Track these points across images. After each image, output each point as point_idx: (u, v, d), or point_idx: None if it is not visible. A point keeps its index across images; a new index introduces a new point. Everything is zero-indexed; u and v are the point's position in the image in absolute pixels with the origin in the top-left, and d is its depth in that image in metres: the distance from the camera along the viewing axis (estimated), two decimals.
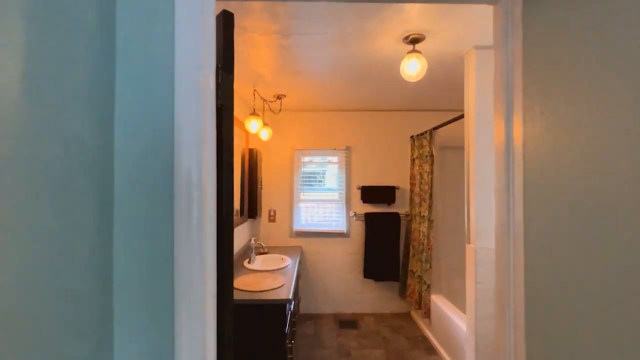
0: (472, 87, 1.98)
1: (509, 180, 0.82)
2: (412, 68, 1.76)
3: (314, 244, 3.62)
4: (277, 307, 2.03)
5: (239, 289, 2.15)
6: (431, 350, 2.82)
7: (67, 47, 0.54)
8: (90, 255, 0.59)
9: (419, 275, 3.15)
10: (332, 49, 1.94)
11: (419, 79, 1.82)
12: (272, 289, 2.17)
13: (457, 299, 2.85)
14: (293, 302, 2.24)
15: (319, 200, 3.72)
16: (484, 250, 1.97)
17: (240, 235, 3.03)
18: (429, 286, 2.98)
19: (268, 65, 2.21)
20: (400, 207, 3.60)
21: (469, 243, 2.05)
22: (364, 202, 3.58)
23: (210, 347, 0.72)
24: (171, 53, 0.69)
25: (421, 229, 3.13)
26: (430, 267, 2.98)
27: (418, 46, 1.82)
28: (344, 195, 3.65)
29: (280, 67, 2.22)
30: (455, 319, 2.49)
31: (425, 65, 1.76)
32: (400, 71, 1.82)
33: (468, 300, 2.08)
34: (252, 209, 3.23)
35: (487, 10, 0.94)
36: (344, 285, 3.61)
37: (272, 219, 3.65)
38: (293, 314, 2.52)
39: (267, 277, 2.42)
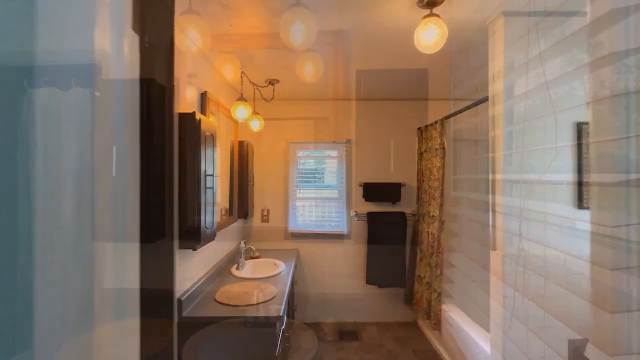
0: (499, 64, 1.66)
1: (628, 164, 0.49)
2: (430, 36, 1.44)
3: (312, 246, 3.30)
4: (266, 325, 1.72)
5: (222, 303, 1.83)
6: None
7: None
8: None
9: (427, 282, 2.83)
10: (331, 16, 1.61)
11: (436, 49, 1.49)
12: (261, 303, 1.85)
13: (474, 311, 2.53)
14: (286, 318, 1.92)
15: (317, 199, 3.39)
16: (513, 259, 1.64)
17: (229, 238, 2.71)
18: (439, 294, 2.67)
19: (255, 39, 1.88)
20: (406, 205, 3.27)
21: (493, 249, 1.73)
22: (366, 200, 3.25)
23: None
24: None
25: (430, 230, 2.81)
26: (441, 273, 2.66)
27: (435, 11, 1.49)
28: (344, 193, 3.33)
29: (270, 40, 1.89)
30: (472, 334, 2.16)
31: (446, 32, 1.44)
32: (415, 41, 1.49)
33: (493, 315, 1.76)
34: (242, 209, 2.90)
35: None
36: (344, 292, 3.28)
37: (265, 219, 3.32)
38: (286, 328, 2.20)
39: (257, 286, 2.10)
